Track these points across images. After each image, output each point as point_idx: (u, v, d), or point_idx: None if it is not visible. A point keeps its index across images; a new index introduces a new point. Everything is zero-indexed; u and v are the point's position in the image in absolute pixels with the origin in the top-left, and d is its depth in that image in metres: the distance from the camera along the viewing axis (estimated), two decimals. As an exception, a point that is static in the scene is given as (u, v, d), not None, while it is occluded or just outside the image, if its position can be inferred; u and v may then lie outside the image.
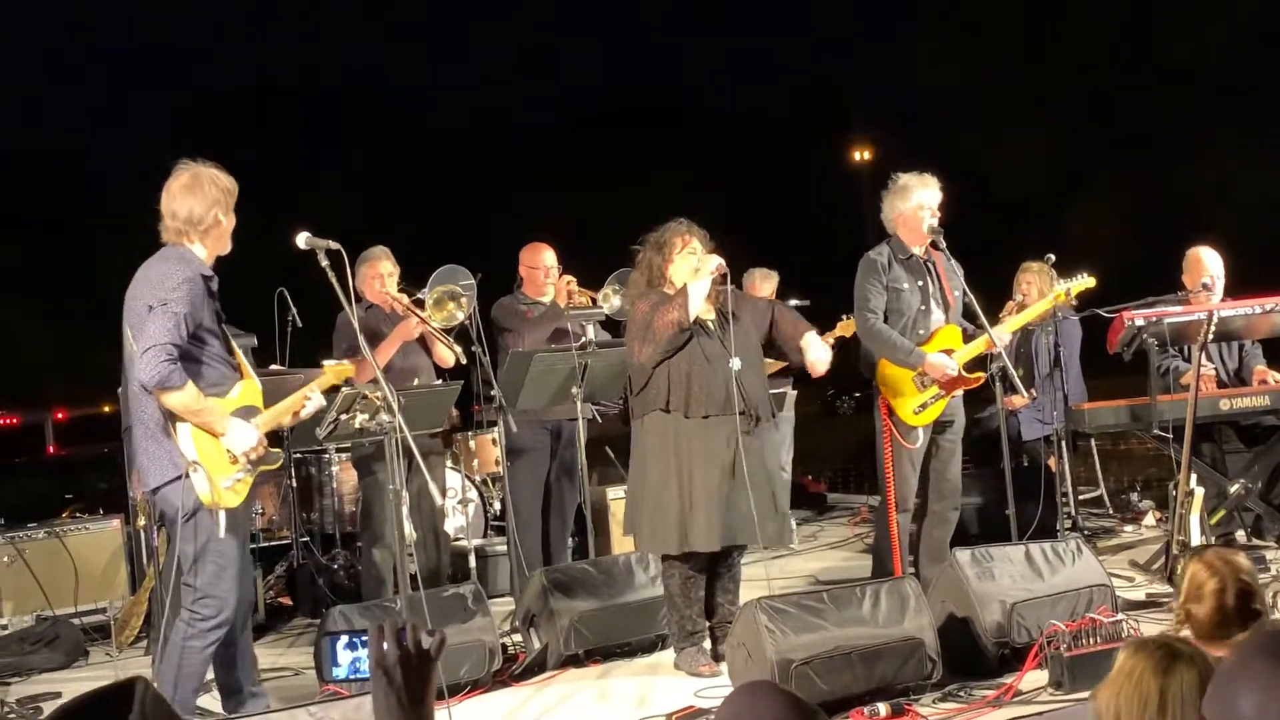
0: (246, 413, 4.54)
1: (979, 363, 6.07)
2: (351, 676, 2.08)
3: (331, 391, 5.07)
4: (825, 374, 5.65)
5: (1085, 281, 6.13)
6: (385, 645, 1.91)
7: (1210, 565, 3.39)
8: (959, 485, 6.09)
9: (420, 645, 1.93)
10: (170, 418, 4.37)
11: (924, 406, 5.85)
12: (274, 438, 4.87)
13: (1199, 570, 3.40)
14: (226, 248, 4.68)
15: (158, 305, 4.32)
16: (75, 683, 5.96)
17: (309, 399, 4.76)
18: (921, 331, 5.92)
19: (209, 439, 4.40)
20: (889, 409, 5.91)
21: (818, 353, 5.42)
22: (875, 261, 5.99)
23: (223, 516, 4.38)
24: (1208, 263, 6.79)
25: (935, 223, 5.95)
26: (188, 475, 4.33)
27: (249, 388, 4.62)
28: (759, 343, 5.44)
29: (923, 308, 5.93)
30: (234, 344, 4.68)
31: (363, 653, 2.03)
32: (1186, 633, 3.30)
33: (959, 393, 5.98)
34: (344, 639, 2.10)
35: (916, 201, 5.96)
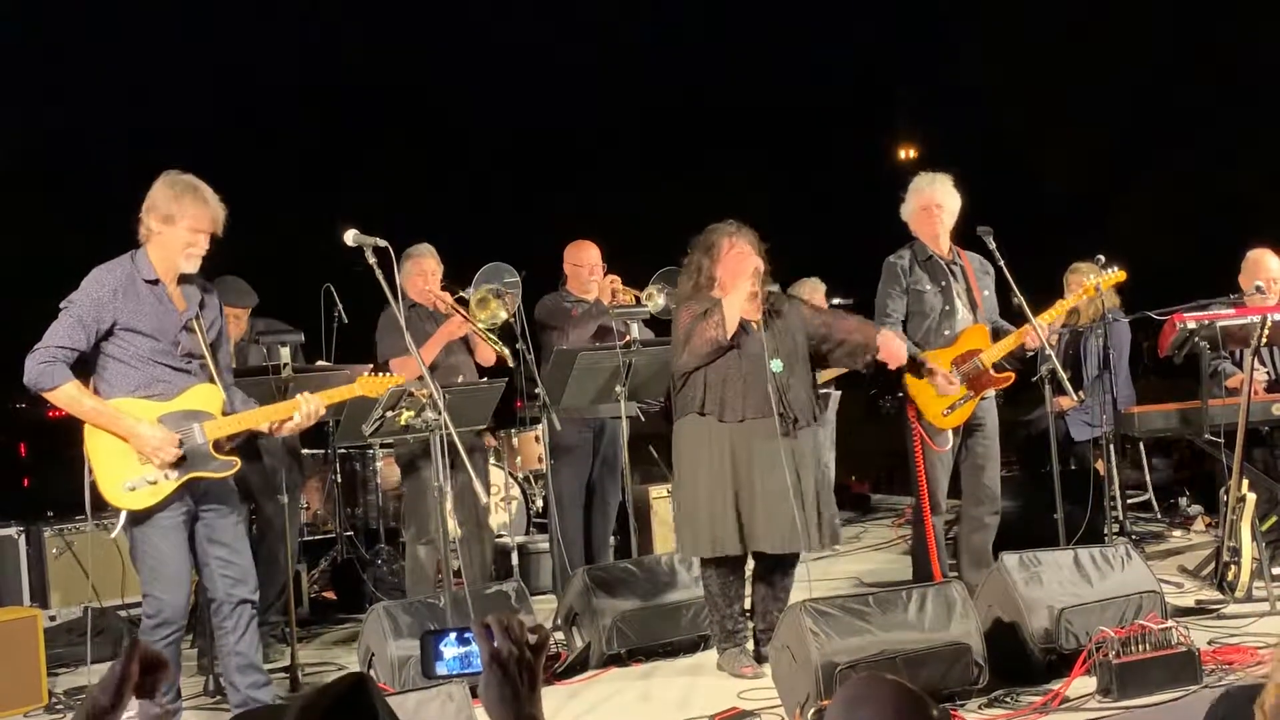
0: (186, 416, 4.47)
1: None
2: (461, 672, 2.14)
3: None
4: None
5: (1116, 275, 6.04)
6: (497, 640, 1.99)
7: None
8: (996, 490, 6.00)
9: (530, 639, 2.01)
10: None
11: (952, 408, 5.79)
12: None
13: None
14: (176, 260, 4.50)
15: (63, 307, 4.42)
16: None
17: (301, 410, 4.57)
18: (947, 332, 5.87)
19: (112, 439, 4.40)
20: (917, 412, 5.86)
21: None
22: (895, 265, 5.95)
23: (123, 516, 4.42)
24: (1268, 265, 6.65)
25: (950, 223, 5.92)
26: (90, 470, 4.43)
27: (204, 392, 4.55)
28: (805, 343, 5.34)
29: (947, 309, 5.88)
30: (207, 349, 4.55)
31: (472, 647, 2.10)
32: None
33: (990, 393, 5.90)
34: (448, 636, 2.15)
35: (925, 202, 5.93)
